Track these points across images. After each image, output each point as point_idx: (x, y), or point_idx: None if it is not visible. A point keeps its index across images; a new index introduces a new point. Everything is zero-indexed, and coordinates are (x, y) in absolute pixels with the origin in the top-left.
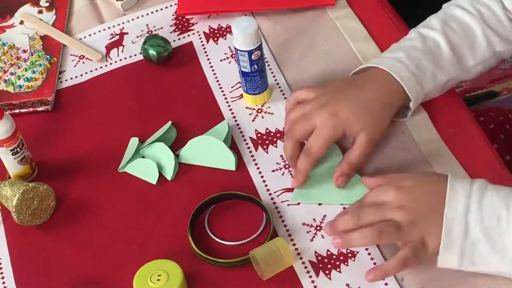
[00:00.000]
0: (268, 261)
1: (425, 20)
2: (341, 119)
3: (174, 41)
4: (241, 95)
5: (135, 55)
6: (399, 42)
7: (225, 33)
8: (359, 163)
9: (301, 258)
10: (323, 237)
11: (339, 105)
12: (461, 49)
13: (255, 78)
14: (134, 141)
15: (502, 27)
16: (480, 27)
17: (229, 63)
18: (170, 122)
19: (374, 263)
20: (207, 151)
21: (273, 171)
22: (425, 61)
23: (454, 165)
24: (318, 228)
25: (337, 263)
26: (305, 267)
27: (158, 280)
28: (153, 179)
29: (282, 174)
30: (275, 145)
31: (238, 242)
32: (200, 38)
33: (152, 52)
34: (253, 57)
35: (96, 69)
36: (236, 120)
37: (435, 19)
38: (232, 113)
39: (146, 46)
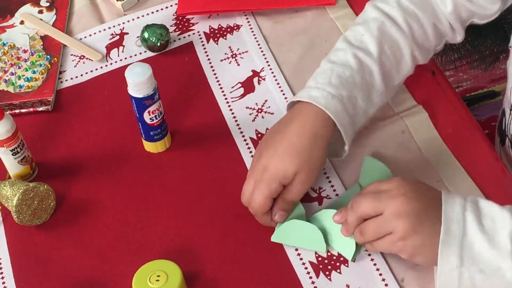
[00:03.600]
0: None
1: (356, 30)
2: (273, 172)
3: (175, 41)
4: (242, 95)
5: (135, 55)
6: (336, 65)
7: (225, 33)
8: (296, 200)
9: (301, 259)
10: None
11: (267, 156)
12: (390, 75)
13: (148, 126)
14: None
15: (428, 42)
16: (409, 48)
17: (229, 63)
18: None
19: (374, 264)
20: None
21: None
22: (361, 100)
23: (454, 165)
24: None
25: (337, 264)
26: (305, 268)
27: (157, 280)
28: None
29: None
30: None
31: None
32: (201, 38)
33: (153, 39)
34: (144, 104)
35: (96, 69)
36: (236, 120)
37: (371, 39)
38: (232, 113)
39: (147, 36)
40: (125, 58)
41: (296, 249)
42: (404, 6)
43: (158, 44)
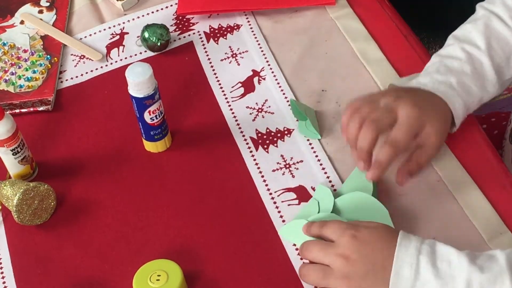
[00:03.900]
0: None
1: (464, 28)
2: (423, 111)
3: (175, 40)
4: (242, 94)
5: (136, 54)
6: (445, 57)
7: (225, 32)
8: (429, 157)
9: (301, 259)
10: None
11: (415, 99)
12: (501, 68)
13: (149, 126)
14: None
15: None
16: None
17: (230, 63)
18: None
19: None
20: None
21: (273, 170)
22: (475, 87)
23: (454, 165)
24: None
25: None
26: None
27: (158, 280)
28: None
29: (283, 174)
30: (275, 144)
31: None
32: (201, 38)
33: (153, 39)
34: (144, 104)
35: (96, 68)
36: (236, 120)
37: (478, 34)
38: (233, 112)
39: (147, 36)
40: (125, 58)
41: (297, 249)
42: (510, 5)
43: (159, 44)
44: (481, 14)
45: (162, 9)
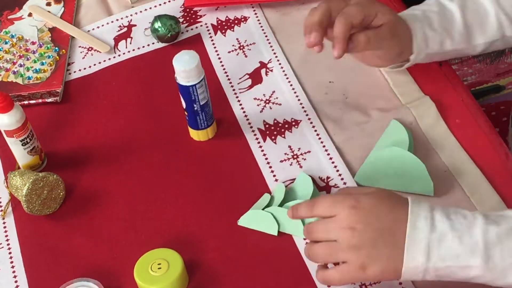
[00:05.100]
0: None
1: None
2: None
3: (182, 33)
4: (249, 86)
5: (143, 46)
6: (420, 5)
7: (233, 25)
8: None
9: (305, 239)
10: None
11: None
12: (473, 27)
13: (194, 114)
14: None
15: None
16: (494, 9)
17: (237, 54)
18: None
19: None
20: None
21: (281, 161)
22: (437, 24)
23: (461, 156)
24: None
25: None
26: None
27: (159, 268)
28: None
29: (290, 165)
30: (283, 135)
31: None
32: (208, 30)
33: (163, 29)
34: (192, 93)
35: (104, 60)
36: (244, 111)
37: None
38: (240, 104)
39: (157, 27)
40: (133, 50)
41: (304, 238)
42: None
43: (169, 35)
44: None
45: (169, 1)
